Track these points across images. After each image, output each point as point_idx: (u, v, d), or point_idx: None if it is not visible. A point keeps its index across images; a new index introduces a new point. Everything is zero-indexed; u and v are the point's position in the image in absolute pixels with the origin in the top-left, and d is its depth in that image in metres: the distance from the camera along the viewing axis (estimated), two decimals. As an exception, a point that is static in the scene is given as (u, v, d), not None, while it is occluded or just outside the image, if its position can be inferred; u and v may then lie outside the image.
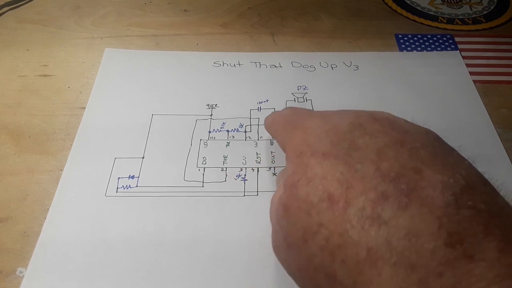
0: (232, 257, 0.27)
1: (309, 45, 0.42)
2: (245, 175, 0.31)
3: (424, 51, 0.41)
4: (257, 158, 0.32)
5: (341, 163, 0.18)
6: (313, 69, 0.39)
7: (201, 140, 0.33)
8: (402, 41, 0.43)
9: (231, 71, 0.39)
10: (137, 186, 0.30)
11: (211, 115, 0.35)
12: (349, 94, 0.37)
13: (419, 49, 0.42)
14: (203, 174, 0.31)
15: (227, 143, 0.33)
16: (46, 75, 0.39)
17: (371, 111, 0.22)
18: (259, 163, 0.32)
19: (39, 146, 0.33)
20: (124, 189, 0.30)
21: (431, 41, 0.43)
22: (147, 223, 0.28)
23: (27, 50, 0.41)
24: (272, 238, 0.22)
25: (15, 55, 0.40)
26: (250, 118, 0.35)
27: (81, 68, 0.39)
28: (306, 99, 0.37)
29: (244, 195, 0.30)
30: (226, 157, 0.32)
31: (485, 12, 0.46)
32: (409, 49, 0.42)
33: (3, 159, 0.32)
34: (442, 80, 0.38)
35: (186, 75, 0.39)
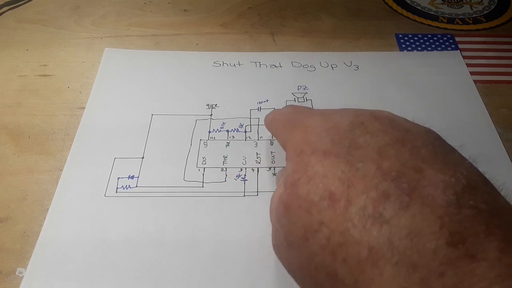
0: (232, 257, 0.27)
1: (309, 45, 0.42)
2: (245, 175, 0.31)
3: (425, 51, 0.41)
4: (257, 158, 0.32)
5: (342, 162, 0.18)
6: (313, 69, 0.39)
7: (201, 140, 0.33)
8: (402, 41, 0.42)
9: (231, 71, 0.39)
10: (136, 186, 0.30)
11: (211, 115, 0.35)
12: (349, 94, 0.37)
13: (419, 49, 0.42)
14: (203, 174, 0.31)
15: (227, 143, 0.33)
16: (45, 75, 0.39)
17: (371, 110, 0.21)
18: (259, 163, 0.32)
19: (39, 146, 0.33)
20: (123, 189, 0.30)
21: (431, 41, 0.43)
22: (147, 223, 0.28)
23: (27, 50, 0.41)
24: (272, 237, 0.22)
25: (14, 55, 0.40)
26: (250, 118, 0.35)
27: (80, 68, 0.39)
28: (306, 99, 0.37)
29: (244, 195, 0.30)
30: (226, 157, 0.32)
31: (485, 12, 0.46)
32: (409, 49, 0.42)
33: (3, 159, 0.32)
34: (443, 80, 0.38)
35: (186, 75, 0.39)
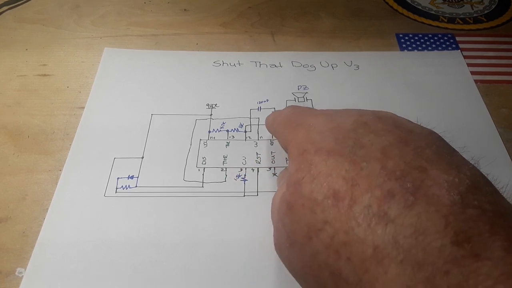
0: (232, 257, 0.27)
1: (309, 45, 0.42)
2: (245, 175, 0.31)
3: (425, 50, 0.41)
4: (257, 158, 0.32)
5: (346, 161, 0.18)
6: (313, 68, 0.39)
7: (200, 140, 0.33)
8: (403, 40, 0.42)
9: (231, 71, 0.39)
10: (136, 186, 0.30)
11: (211, 115, 0.35)
12: (349, 94, 0.37)
13: (420, 48, 0.42)
14: (203, 174, 0.31)
15: (227, 143, 0.33)
16: (45, 75, 0.38)
17: (374, 111, 0.22)
18: (259, 163, 0.32)
19: (38, 146, 0.33)
20: (123, 189, 0.30)
21: (432, 40, 0.42)
22: (146, 223, 0.28)
23: (26, 49, 0.41)
24: (274, 237, 0.22)
25: (14, 55, 0.40)
26: (250, 118, 0.35)
27: (80, 67, 0.39)
28: (307, 99, 0.37)
29: (244, 195, 0.30)
30: (226, 157, 0.32)
31: (486, 12, 0.46)
32: (410, 48, 0.42)
33: (2, 159, 0.32)
34: (443, 80, 0.38)
35: (186, 74, 0.38)
